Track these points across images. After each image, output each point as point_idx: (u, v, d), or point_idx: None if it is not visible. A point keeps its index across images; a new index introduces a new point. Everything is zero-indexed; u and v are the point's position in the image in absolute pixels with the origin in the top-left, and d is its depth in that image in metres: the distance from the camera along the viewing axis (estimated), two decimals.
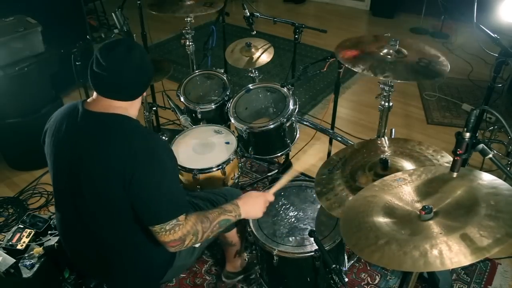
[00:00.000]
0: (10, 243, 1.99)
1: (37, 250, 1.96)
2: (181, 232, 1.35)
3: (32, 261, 1.93)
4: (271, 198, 1.66)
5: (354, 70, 1.79)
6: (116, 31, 2.48)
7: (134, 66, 1.36)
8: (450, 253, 0.94)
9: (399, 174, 1.27)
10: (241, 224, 1.94)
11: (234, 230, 1.92)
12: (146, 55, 1.42)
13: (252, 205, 1.58)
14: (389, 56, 1.84)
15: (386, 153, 1.63)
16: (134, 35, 2.51)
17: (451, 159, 1.12)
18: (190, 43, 2.80)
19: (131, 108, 1.43)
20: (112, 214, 1.41)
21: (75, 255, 1.62)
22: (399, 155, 1.61)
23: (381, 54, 1.85)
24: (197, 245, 1.64)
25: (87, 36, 2.70)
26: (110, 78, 1.34)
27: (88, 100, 1.43)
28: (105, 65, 1.32)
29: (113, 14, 2.49)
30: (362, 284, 2.14)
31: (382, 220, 1.12)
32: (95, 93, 1.40)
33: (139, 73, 1.39)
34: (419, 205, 1.11)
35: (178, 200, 1.39)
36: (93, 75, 1.35)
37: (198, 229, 1.39)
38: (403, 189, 1.19)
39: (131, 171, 1.30)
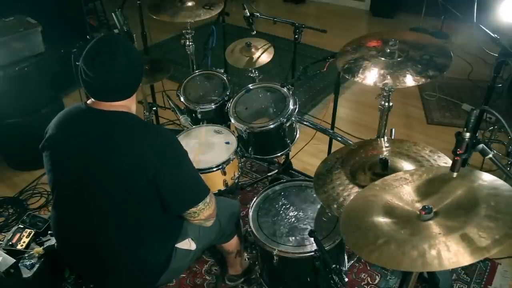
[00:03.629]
0: (10, 243, 1.99)
1: (37, 250, 1.96)
2: (212, 204, 1.51)
3: (32, 261, 1.94)
4: None
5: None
6: (116, 31, 2.47)
7: (122, 68, 1.34)
8: (449, 253, 0.94)
9: (400, 173, 1.27)
10: (239, 231, 1.95)
11: (233, 240, 1.92)
12: (131, 48, 1.39)
13: None
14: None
15: (384, 153, 1.64)
16: (134, 35, 2.51)
17: (448, 159, 1.12)
18: (190, 43, 2.79)
19: (132, 104, 1.45)
20: (114, 215, 1.41)
21: (70, 256, 1.61)
22: (397, 155, 1.61)
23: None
24: (192, 248, 1.64)
25: (87, 36, 2.69)
26: (102, 85, 1.34)
27: (88, 102, 1.43)
28: (93, 75, 1.31)
29: (113, 14, 2.48)
30: (362, 284, 2.14)
31: (382, 220, 1.12)
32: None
33: (129, 72, 1.37)
34: (419, 205, 1.11)
35: (201, 179, 1.50)
36: (84, 84, 1.35)
37: (214, 200, 1.54)
38: (403, 189, 1.19)
39: (154, 163, 1.34)
